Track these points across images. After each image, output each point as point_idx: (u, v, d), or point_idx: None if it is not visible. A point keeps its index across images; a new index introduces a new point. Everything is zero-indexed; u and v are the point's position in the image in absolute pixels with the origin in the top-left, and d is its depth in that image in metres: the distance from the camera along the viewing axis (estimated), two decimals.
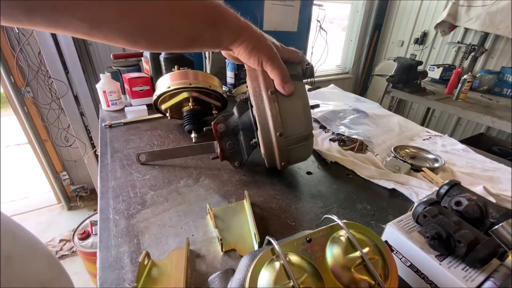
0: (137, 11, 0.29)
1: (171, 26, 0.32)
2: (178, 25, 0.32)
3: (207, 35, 0.36)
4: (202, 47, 0.38)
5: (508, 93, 2.03)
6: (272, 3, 1.50)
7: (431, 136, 0.83)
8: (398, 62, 1.98)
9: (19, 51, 1.49)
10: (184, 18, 0.32)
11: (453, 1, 2.05)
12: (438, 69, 2.32)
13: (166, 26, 0.32)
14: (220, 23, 0.36)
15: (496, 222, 0.31)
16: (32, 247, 0.29)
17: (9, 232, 0.27)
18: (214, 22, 0.35)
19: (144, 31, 0.31)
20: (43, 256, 0.30)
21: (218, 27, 0.36)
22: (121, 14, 0.28)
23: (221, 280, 0.30)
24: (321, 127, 0.85)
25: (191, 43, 0.36)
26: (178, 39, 0.34)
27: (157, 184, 0.55)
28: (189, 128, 0.72)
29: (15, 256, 0.26)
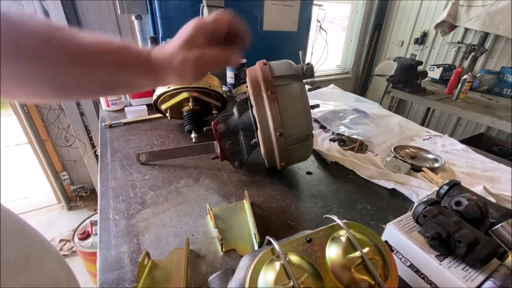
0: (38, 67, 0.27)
1: (74, 78, 0.30)
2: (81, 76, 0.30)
3: (117, 78, 0.33)
4: (124, 90, 0.37)
5: (508, 93, 2.03)
6: (272, 3, 1.50)
7: (431, 136, 0.83)
8: (398, 62, 1.98)
9: None
10: (88, 68, 0.30)
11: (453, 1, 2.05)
12: (438, 69, 2.31)
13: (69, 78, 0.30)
14: (128, 65, 0.33)
15: (496, 222, 0.31)
16: (43, 247, 0.29)
17: (24, 232, 0.27)
18: (122, 67, 0.32)
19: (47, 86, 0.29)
20: (54, 256, 0.31)
21: (128, 70, 0.33)
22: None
23: (221, 280, 0.30)
24: (321, 127, 0.85)
25: (104, 89, 0.34)
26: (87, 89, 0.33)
27: (157, 184, 0.55)
28: (189, 128, 0.72)
29: (31, 256, 0.26)
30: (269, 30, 1.57)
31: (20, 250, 0.24)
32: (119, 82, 0.33)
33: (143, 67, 0.34)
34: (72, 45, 0.29)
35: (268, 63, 0.52)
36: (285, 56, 0.64)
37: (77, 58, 0.29)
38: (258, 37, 1.55)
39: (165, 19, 1.26)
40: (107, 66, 0.31)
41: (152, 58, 0.34)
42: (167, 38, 0.93)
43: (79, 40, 0.29)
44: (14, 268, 0.23)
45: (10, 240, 0.24)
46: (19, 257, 0.24)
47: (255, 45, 1.46)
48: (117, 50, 0.32)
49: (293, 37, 1.69)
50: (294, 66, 0.52)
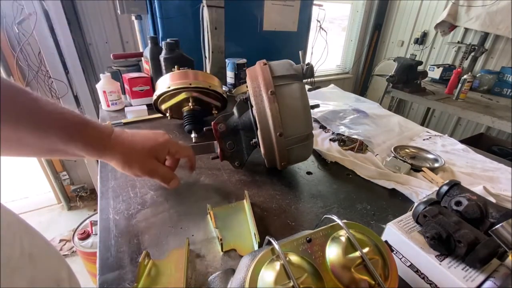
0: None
1: (18, 138, 0.32)
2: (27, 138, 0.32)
3: (63, 148, 0.36)
4: (65, 156, 0.39)
5: (508, 93, 2.03)
6: (272, 3, 1.50)
7: (431, 136, 0.83)
8: (398, 62, 1.98)
9: (19, 51, 1.49)
10: (34, 133, 0.32)
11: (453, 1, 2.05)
12: (438, 69, 2.31)
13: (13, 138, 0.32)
14: (75, 140, 0.36)
15: (496, 222, 0.31)
16: (46, 246, 0.30)
17: (27, 231, 0.27)
18: (69, 139, 0.35)
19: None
20: (56, 256, 0.31)
21: (74, 143, 0.36)
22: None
23: (221, 280, 0.30)
24: (321, 127, 0.85)
25: (49, 153, 0.37)
26: (32, 150, 0.35)
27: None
28: (189, 128, 0.72)
29: (35, 254, 0.26)
30: (269, 30, 1.57)
31: (25, 248, 0.25)
32: (62, 150, 0.36)
33: (93, 145, 0.38)
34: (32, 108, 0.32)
35: (268, 63, 0.52)
36: (285, 56, 0.64)
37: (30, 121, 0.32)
38: (258, 37, 1.55)
39: (165, 19, 1.26)
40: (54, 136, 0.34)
41: (110, 141, 0.40)
42: (167, 38, 0.93)
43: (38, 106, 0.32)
44: (19, 264, 0.23)
45: (15, 238, 0.24)
46: (23, 254, 0.24)
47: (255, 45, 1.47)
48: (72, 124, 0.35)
49: (293, 37, 1.69)
50: (294, 66, 0.52)
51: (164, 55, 0.89)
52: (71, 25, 1.50)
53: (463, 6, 2.03)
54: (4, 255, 0.21)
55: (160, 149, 0.45)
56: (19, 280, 0.22)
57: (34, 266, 0.25)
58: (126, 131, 0.43)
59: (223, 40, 1.24)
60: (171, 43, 0.88)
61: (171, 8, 1.25)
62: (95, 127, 0.39)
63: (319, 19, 2.24)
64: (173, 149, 0.47)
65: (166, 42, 0.88)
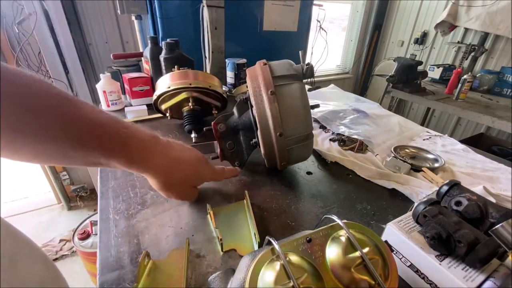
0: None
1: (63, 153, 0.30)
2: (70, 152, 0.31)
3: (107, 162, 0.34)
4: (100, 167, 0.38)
5: (508, 93, 2.03)
6: (272, 3, 1.50)
7: (431, 136, 0.83)
8: (398, 62, 1.98)
9: (19, 51, 1.49)
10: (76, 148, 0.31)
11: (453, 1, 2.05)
12: (438, 69, 2.32)
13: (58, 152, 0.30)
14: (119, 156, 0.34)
15: (496, 222, 0.31)
16: (30, 248, 0.29)
17: (9, 233, 0.27)
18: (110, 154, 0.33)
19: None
20: (41, 258, 0.31)
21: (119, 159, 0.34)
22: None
23: (221, 280, 0.30)
24: (321, 127, 0.85)
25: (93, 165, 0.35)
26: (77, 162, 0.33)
27: None
28: (189, 128, 0.72)
29: (17, 257, 0.26)
30: (269, 30, 1.57)
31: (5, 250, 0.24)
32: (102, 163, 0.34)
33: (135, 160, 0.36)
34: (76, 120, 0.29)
35: (268, 63, 0.52)
36: (285, 56, 0.64)
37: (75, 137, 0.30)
38: (258, 37, 1.55)
39: (165, 19, 1.26)
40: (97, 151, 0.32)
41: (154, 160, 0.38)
42: (167, 38, 0.93)
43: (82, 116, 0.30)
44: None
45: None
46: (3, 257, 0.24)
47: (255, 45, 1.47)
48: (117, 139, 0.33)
49: (293, 37, 1.69)
50: (294, 66, 0.52)
51: (164, 55, 0.89)
52: (71, 25, 1.50)
53: (463, 6, 2.03)
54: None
55: (201, 179, 0.48)
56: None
57: (14, 270, 0.24)
58: (172, 144, 0.41)
59: (223, 40, 1.24)
60: (171, 43, 0.88)
61: (171, 8, 1.25)
62: (139, 142, 0.36)
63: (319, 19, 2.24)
64: (211, 179, 0.49)
65: (166, 42, 0.88)
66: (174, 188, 0.43)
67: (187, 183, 0.44)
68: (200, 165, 0.45)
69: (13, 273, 0.24)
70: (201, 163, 0.45)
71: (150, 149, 0.37)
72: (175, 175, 0.41)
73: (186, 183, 0.44)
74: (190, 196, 0.48)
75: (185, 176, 0.43)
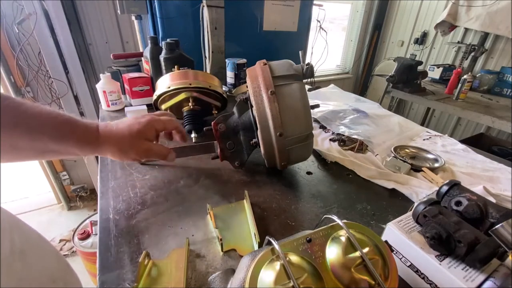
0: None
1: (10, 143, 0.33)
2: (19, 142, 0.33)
3: (56, 148, 0.37)
4: (59, 156, 0.40)
5: (508, 93, 2.03)
6: (272, 3, 1.50)
7: (431, 136, 0.83)
8: (398, 62, 1.98)
9: (19, 51, 1.49)
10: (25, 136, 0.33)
11: (453, 1, 2.05)
12: (438, 69, 2.31)
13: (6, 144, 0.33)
14: (68, 138, 0.37)
15: (496, 222, 0.31)
16: (41, 243, 0.30)
17: (20, 228, 0.28)
18: (61, 138, 0.36)
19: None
20: (52, 253, 0.31)
21: (66, 142, 0.37)
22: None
23: (221, 280, 0.30)
24: (321, 127, 0.85)
25: (42, 154, 0.38)
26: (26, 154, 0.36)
27: (157, 184, 0.55)
28: (189, 128, 0.72)
29: (28, 251, 0.26)
30: (269, 30, 1.57)
31: (16, 245, 0.25)
32: (55, 150, 0.37)
33: (85, 141, 0.39)
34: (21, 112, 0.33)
35: (268, 63, 0.52)
36: (285, 56, 0.64)
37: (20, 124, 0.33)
38: (258, 37, 1.55)
39: (165, 19, 1.25)
40: (46, 137, 0.35)
41: (99, 134, 0.41)
42: (167, 38, 0.93)
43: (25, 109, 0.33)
44: (7, 262, 0.23)
45: (4, 235, 0.24)
46: (14, 252, 0.24)
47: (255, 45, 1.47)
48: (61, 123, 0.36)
49: (293, 37, 1.69)
50: (294, 66, 0.52)
51: (164, 55, 0.89)
52: (71, 25, 1.50)
53: (463, 6, 2.03)
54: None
55: (147, 129, 0.46)
56: (7, 279, 0.22)
57: (24, 264, 0.25)
58: (109, 122, 0.44)
59: (223, 40, 1.24)
60: (171, 43, 0.88)
61: (171, 8, 1.25)
62: (84, 124, 0.40)
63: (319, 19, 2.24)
64: (159, 125, 0.47)
65: (166, 42, 0.88)
66: (128, 147, 0.43)
67: (138, 137, 0.44)
68: (141, 117, 0.46)
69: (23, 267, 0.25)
70: (142, 116, 0.46)
71: (94, 128, 0.41)
72: (124, 137, 0.43)
73: (137, 137, 0.44)
74: (155, 151, 0.46)
75: (131, 132, 0.43)
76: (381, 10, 2.88)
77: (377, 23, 2.94)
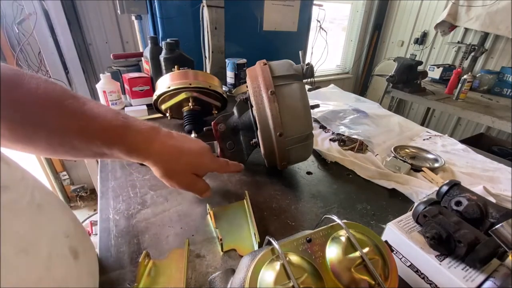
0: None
1: (70, 144, 0.34)
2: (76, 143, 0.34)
3: (110, 152, 0.37)
4: (112, 158, 0.39)
5: (508, 93, 2.03)
6: (272, 3, 1.50)
7: (431, 136, 0.83)
8: (398, 62, 1.98)
9: (19, 51, 1.48)
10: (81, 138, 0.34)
11: (453, 1, 2.05)
12: (438, 69, 2.31)
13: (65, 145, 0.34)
14: (116, 143, 0.36)
15: (496, 222, 0.31)
16: (59, 205, 0.31)
17: (42, 189, 0.28)
18: (110, 143, 0.36)
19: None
20: (68, 212, 0.32)
21: (115, 147, 0.36)
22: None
23: (221, 280, 0.30)
24: (321, 127, 0.85)
25: (99, 156, 0.38)
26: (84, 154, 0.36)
27: (157, 184, 0.55)
28: (189, 128, 0.72)
29: (45, 206, 0.27)
30: (269, 30, 1.57)
31: (35, 199, 0.26)
32: (108, 154, 0.37)
33: (134, 149, 0.38)
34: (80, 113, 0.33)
35: (268, 63, 0.52)
36: (285, 56, 0.64)
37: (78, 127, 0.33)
38: (258, 37, 1.55)
39: (165, 19, 1.26)
40: (98, 141, 0.35)
41: (152, 145, 0.39)
42: (167, 38, 0.93)
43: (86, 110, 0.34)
44: (24, 210, 0.24)
45: (26, 189, 0.25)
46: (32, 203, 0.25)
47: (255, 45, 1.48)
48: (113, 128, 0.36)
49: (293, 37, 1.69)
50: (294, 66, 0.52)
51: (164, 55, 0.89)
52: (71, 25, 1.50)
53: (463, 6, 2.03)
54: (9, 197, 0.22)
55: (203, 169, 0.46)
56: (22, 223, 0.23)
57: (42, 216, 0.26)
58: (173, 135, 0.42)
59: (223, 40, 1.24)
60: (171, 43, 0.88)
61: (171, 8, 1.25)
62: (140, 131, 0.38)
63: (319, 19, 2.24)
64: (214, 169, 0.47)
65: (166, 42, 0.88)
66: (176, 175, 0.42)
67: (189, 170, 0.43)
68: (203, 153, 0.44)
69: (41, 219, 0.26)
70: (203, 152, 0.45)
71: (149, 138, 0.39)
72: (176, 162, 0.41)
73: (188, 171, 0.43)
74: (197, 187, 0.45)
75: (186, 163, 0.42)
76: (381, 10, 2.88)
77: (377, 23, 2.94)
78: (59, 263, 0.25)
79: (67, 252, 0.27)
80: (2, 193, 0.21)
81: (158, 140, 0.40)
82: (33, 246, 0.23)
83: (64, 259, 0.26)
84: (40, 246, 0.24)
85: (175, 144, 0.41)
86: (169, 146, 0.41)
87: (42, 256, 0.23)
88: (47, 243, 0.25)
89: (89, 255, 0.32)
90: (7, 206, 0.21)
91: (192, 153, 0.43)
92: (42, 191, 0.28)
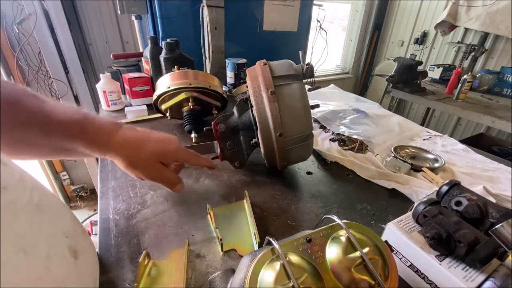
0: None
1: (31, 140, 0.35)
2: (37, 139, 0.35)
3: (71, 147, 0.37)
4: (73, 155, 0.40)
5: (508, 93, 2.03)
6: (272, 3, 1.50)
7: (431, 136, 0.83)
8: (398, 62, 1.98)
9: (19, 51, 1.49)
10: (42, 133, 0.35)
11: (453, 1, 2.05)
12: (438, 69, 2.31)
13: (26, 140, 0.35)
14: (77, 137, 0.37)
15: (496, 222, 0.31)
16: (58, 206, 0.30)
17: (41, 189, 0.29)
18: (71, 137, 0.36)
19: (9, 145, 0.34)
20: (68, 213, 0.32)
21: (76, 141, 0.37)
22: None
23: (221, 280, 0.30)
24: (321, 127, 0.85)
25: (60, 153, 0.38)
26: (45, 151, 0.37)
27: (157, 184, 0.55)
28: (189, 128, 0.72)
29: (44, 207, 0.27)
30: (269, 30, 1.57)
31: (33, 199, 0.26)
32: (69, 149, 0.38)
33: (95, 143, 0.38)
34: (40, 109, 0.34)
35: (268, 63, 0.52)
36: (285, 56, 0.64)
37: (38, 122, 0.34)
38: (258, 37, 1.55)
39: (165, 19, 1.25)
40: (59, 134, 0.36)
41: (112, 138, 0.39)
42: (167, 38, 0.93)
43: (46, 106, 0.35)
44: (24, 210, 0.24)
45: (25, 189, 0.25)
46: (30, 203, 0.25)
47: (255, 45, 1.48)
48: (73, 122, 0.36)
49: (293, 37, 1.69)
50: (294, 66, 0.52)
51: (164, 55, 0.89)
52: (71, 25, 1.50)
53: (463, 6, 2.03)
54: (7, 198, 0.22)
55: (169, 156, 0.44)
56: (21, 224, 0.23)
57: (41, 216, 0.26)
58: (137, 129, 0.42)
59: (223, 40, 1.24)
60: (171, 43, 0.88)
61: (171, 8, 1.25)
62: (100, 125, 0.39)
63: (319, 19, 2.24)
64: (182, 158, 0.46)
65: (166, 42, 0.88)
66: (140, 165, 0.41)
67: (154, 158, 0.42)
68: (169, 141, 0.44)
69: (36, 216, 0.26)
70: (169, 140, 0.44)
71: (110, 130, 0.39)
72: (140, 151, 0.41)
73: (153, 158, 0.42)
74: (165, 177, 0.44)
75: (150, 151, 0.41)
76: (381, 10, 2.88)
77: (377, 23, 2.94)
78: (58, 263, 0.25)
79: (66, 252, 0.27)
80: (1, 194, 0.21)
81: (119, 132, 0.40)
82: (32, 246, 0.23)
83: (63, 259, 0.26)
84: (40, 246, 0.24)
85: (137, 135, 0.42)
86: (132, 136, 0.41)
87: (42, 256, 0.23)
88: (47, 243, 0.25)
89: (89, 255, 0.32)
90: (6, 206, 0.21)
91: (157, 141, 0.43)
92: (40, 191, 0.28)
